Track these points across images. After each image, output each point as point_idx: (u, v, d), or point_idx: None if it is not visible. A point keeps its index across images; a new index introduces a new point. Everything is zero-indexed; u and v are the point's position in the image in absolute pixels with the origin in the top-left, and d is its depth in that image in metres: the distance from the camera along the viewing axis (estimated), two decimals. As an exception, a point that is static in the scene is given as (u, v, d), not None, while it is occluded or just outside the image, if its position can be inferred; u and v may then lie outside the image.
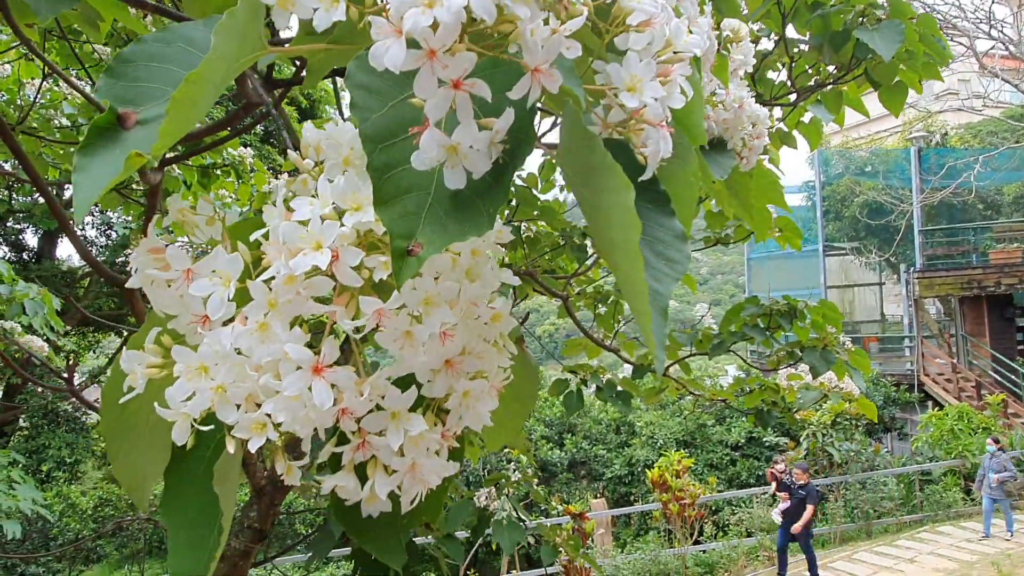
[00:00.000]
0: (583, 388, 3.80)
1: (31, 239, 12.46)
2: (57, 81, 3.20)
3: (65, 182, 4.00)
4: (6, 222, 11.44)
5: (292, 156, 0.60)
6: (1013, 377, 13.48)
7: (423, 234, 0.49)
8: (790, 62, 2.56)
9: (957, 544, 9.06)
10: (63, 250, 12.91)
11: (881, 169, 16.36)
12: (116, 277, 2.11)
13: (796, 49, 2.57)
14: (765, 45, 2.60)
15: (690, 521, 9.33)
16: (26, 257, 12.13)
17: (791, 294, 3.33)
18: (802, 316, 3.32)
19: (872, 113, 2.75)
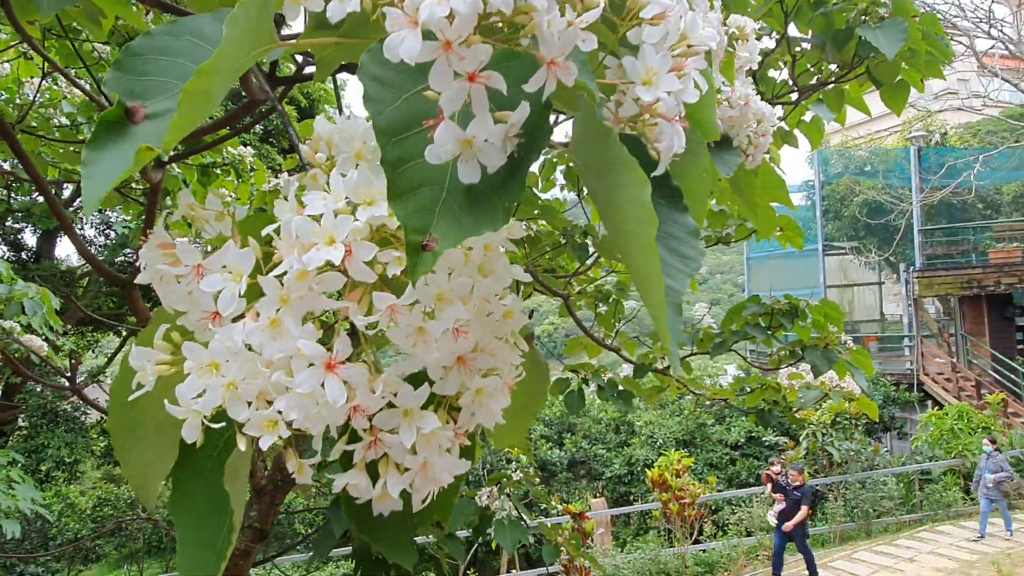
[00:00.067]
0: (584, 387, 3.80)
1: (30, 238, 12.44)
2: (56, 80, 3.19)
3: (64, 181, 3.98)
4: (5, 221, 11.42)
5: (304, 150, 0.59)
6: (1013, 376, 13.48)
7: (437, 229, 0.48)
8: (792, 60, 2.56)
9: (957, 543, 9.06)
10: (62, 249, 12.90)
11: (880, 168, 16.36)
12: (116, 276, 2.10)
13: (798, 47, 2.56)
14: (767, 43, 2.60)
15: (690, 520, 9.33)
16: (25, 257, 12.10)
17: (791, 294, 3.33)
18: (803, 315, 3.31)
19: (871, 112, 2.74)
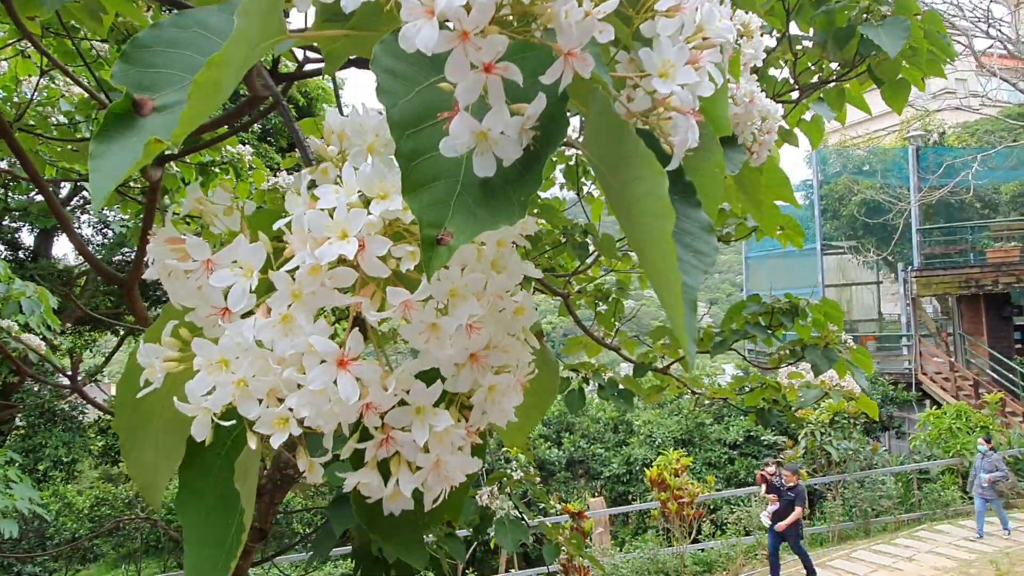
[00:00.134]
0: (584, 386, 3.79)
1: (27, 238, 12.41)
2: (54, 78, 3.18)
3: (62, 179, 3.96)
4: (2, 220, 11.40)
5: (315, 144, 0.58)
6: (1011, 376, 13.49)
7: (452, 223, 0.48)
8: (793, 59, 2.55)
9: (955, 543, 9.07)
10: (59, 248, 12.88)
11: (879, 168, 16.36)
12: (114, 275, 2.10)
13: (799, 46, 2.55)
14: (768, 42, 2.59)
15: (688, 520, 9.33)
16: (22, 256, 12.08)
17: (790, 293, 3.33)
18: (804, 314, 3.31)
19: (872, 111, 2.74)
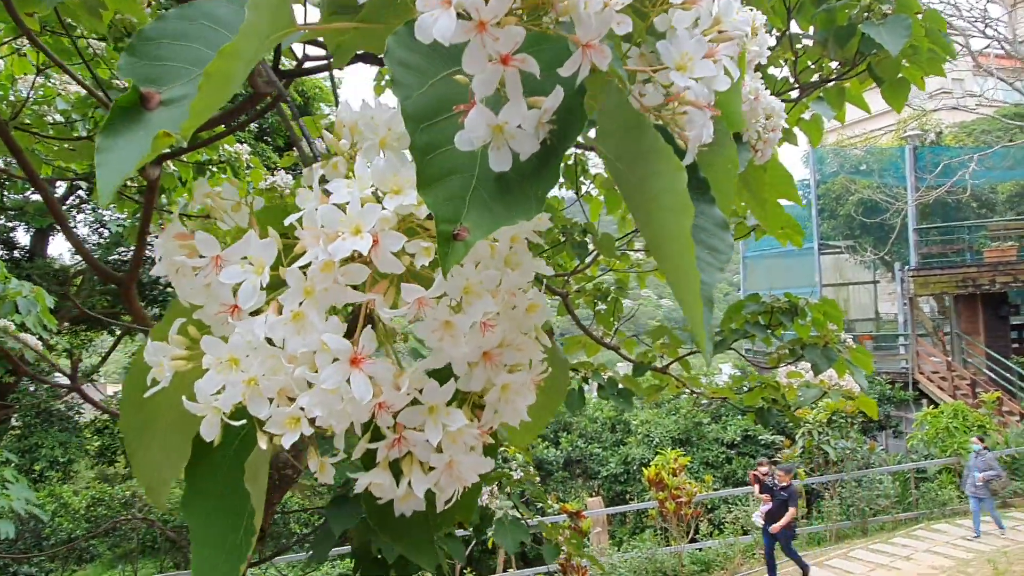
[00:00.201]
0: (584, 386, 3.78)
1: (23, 237, 12.37)
2: (50, 77, 3.16)
3: (57, 178, 3.94)
4: (-3, 220, 11.36)
5: (327, 137, 0.57)
6: (1007, 375, 13.52)
7: (468, 218, 0.47)
8: (794, 57, 2.54)
9: (953, 541, 9.08)
10: (55, 248, 12.84)
11: (876, 168, 16.37)
12: (112, 274, 2.08)
13: (799, 44, 2.54)
14: (768, 40, 2.58)
15: (686, 519, 9.33)
16: (18, 255, 12.03)
17: (789, 292, 3.33)
18: (803, 314, 3.30)
19: (871, 110, 2.74)
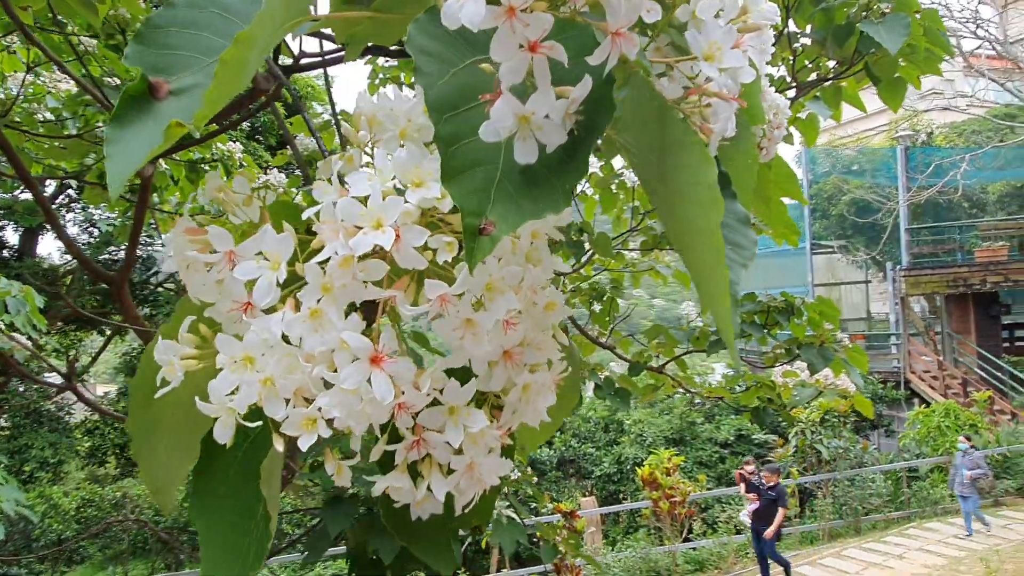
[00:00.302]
0: (581, 385, 3.76)
1: (11, 236, 12.27)
2: (39, 74, 3.13)
3: (47, 177, 3.90)
4: (-14, 218, 11.27)
5: (345, 128, 0.56)
6: (998, 374, 13.58)
7: (494, 211, 0.45)
8: (791, 56, 2.53)
9: (945, 540, 9.11)
10: (44, 247, 12.75)
11: (868, 168, 16.42)
12: (104, 273, 2.05)
13: (797, 44, 2.54)
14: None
15: (680, 519, 9.33)
16: (7, 255, 11.94)
17: (785, 291, 3.33)
18: (799, 313, 3.30)
19: (859, 111, 2.73)
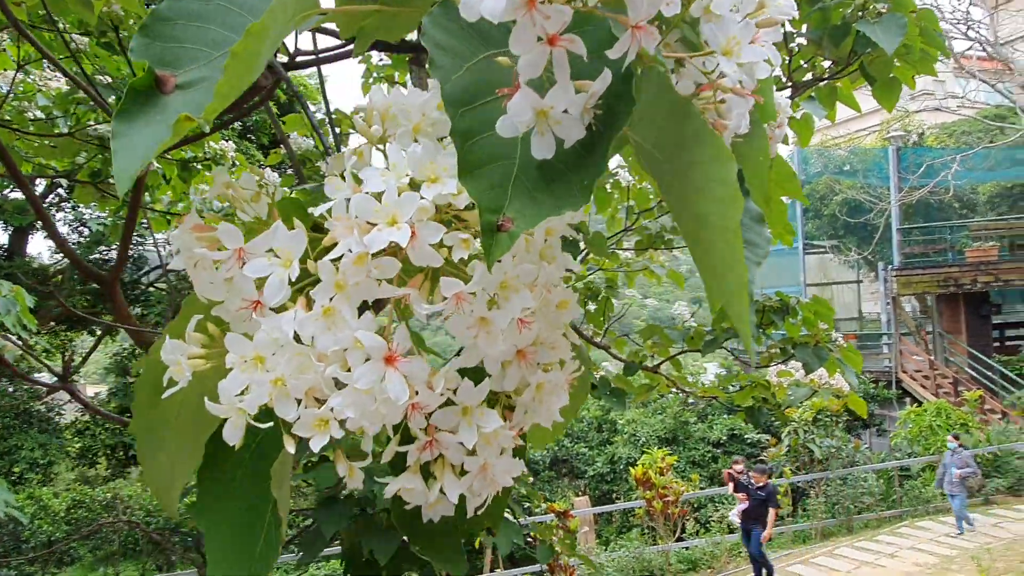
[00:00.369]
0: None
1: (1, 236, 12.18)
2: (29, 72, 3.11)
3: (38, 176, 3.88)
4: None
5: (358, 123, 0.54)
6: (989, 373, 13.65)
7: (511, 208, 0.44)
8: (787, 56, 2.53)
9: (936, 539, 9.15)
10: (34, 247, 12.68)
11: (860, 168, 16.47)
12: (95, 272, 2.03)
13: (794, 43, 2.54)
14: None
15: (673, 518, 9.34)
16: (-4, 254, 11.85)
17: (780, 291, 3.33)
18: (794, 312, 3.30)
19: (851, 111, 2.73)
